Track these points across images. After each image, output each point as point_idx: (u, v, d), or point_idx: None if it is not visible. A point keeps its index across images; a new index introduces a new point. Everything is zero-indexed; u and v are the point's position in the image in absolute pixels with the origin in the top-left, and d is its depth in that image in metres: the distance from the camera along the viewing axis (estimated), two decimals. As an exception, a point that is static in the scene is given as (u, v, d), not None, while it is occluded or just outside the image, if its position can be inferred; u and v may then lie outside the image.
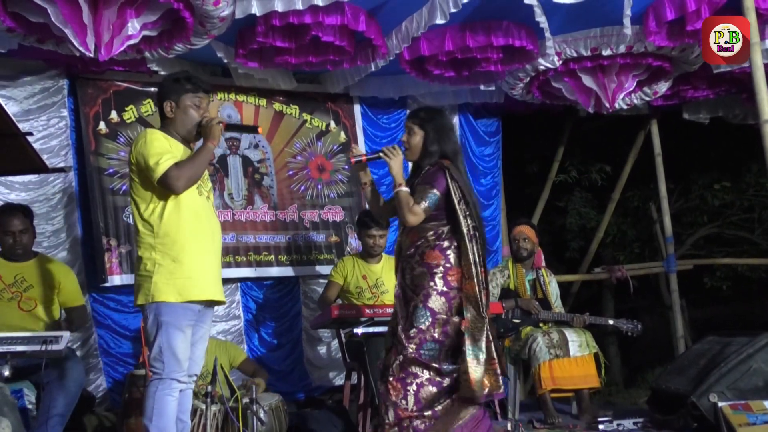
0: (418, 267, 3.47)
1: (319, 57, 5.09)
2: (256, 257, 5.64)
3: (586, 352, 5.06)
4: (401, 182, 3.51)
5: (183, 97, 3.29)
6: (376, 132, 6.38)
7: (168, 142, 3.23)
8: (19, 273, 4.20)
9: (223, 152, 5.73)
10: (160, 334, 3.12)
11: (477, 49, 5.08)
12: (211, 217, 3.35)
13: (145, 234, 3.19)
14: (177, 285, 3.13)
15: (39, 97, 5.13)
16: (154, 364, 3.12)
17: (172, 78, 3.37)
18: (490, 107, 6.74)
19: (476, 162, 6.76)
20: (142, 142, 3.19)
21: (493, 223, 6.79)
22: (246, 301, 5.73)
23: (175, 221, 3.18)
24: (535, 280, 5.48)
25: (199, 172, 3.23)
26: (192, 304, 3.17)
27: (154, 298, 3.11)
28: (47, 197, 5.08)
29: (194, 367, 3.29)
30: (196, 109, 3.31)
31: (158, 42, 4.64)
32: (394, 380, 3.37)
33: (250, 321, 5.71)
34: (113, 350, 5.15)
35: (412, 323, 3.39)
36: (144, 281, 3.16)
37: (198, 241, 3.21)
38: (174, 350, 3.11)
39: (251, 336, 5.71)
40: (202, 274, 3.20)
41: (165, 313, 3.12)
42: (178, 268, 3.14)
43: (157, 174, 3.12)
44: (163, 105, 3.31)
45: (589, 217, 8.31)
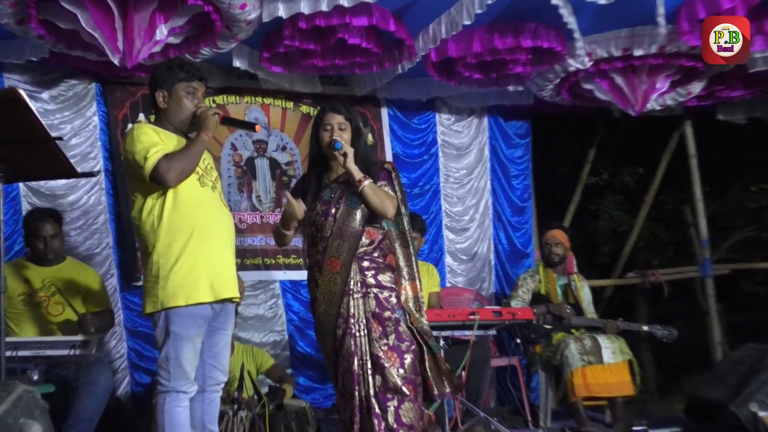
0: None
1: (346, 60, 5.11)
2: (285, 260, 5.69)
3: (619, 358, 5.02)
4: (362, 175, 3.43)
5: (176, 86, 3.13)
6: (407, 134, 6.40)
7: (158, 135, 3.06)
8: (47, 277, 4.25)
9: (251, 155, 5.78)
10: (167, 343, 3.00)
11: (505, 51, 5.08)
12: (219, 208, 3.17)
13: (147, 235, 3.04)
14: (185, 286, 2.99)
15: (69, 101, 5.22)
16: (160, 372, 3.02)
17: (165, 66, 3.20)
18: (520, 109, 6.72)
19: (507, 164, 6.74)
20: (130, 139, 3.04)
21: (526, 226, 6.77)
22: (288, 300, 5.76)
23: (176, 218, 3.02)
24: (566, 285, 5.46)
25: (193, 164, 3.05)
26: (203, 307, 3.03)
27: (164, 304, 2.98)
28: (77, 201, 5.16)
29: (220, 375, 3.20)
30: (190, 99, 3.14)
31: (185, 46, 4.69)
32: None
33: (293, 321, 5.74)
34: (144, 355, 5.20)
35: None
36: (152, 287, 3.02)
37: (203, 235, 3.05)
38: (180, 361, 2.99)
39: (295, 337, 5.73)
40: (210, 271, 3.05)
41: (174, 322, 2.99)
42: (184, 267, 3.00)
43: (146, 169, 2.96)
44: (155, 95, 3.15)
45: (621, 220, 8.24)
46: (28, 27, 4.23)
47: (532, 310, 5.00)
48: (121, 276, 5.23)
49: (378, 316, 3.40)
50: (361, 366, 3.35)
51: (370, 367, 3.36)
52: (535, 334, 5.24)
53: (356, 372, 3.35)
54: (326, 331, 3.46)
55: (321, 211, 3.49)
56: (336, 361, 3.44)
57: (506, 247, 6.70)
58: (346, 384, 3.39)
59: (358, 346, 3.37)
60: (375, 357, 3.36)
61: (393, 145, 6.30)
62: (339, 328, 3.42)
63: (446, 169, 6.53)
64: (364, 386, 3.34)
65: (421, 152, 6.44)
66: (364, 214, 3.46)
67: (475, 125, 6.67)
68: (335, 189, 3.52)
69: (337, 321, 3.42)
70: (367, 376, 3.34)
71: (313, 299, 3.53)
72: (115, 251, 5.24)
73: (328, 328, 3.44)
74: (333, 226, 3.44)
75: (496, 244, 6.68)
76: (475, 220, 6.60)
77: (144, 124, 3.11)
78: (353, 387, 3.35)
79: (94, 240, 5.18)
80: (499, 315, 4.49)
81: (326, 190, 3.54)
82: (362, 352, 3.36)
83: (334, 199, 3.49)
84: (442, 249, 6.44)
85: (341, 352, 3.40)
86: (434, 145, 6.50)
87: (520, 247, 6.72)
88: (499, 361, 5.63)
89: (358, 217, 3.46)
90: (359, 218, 3.46)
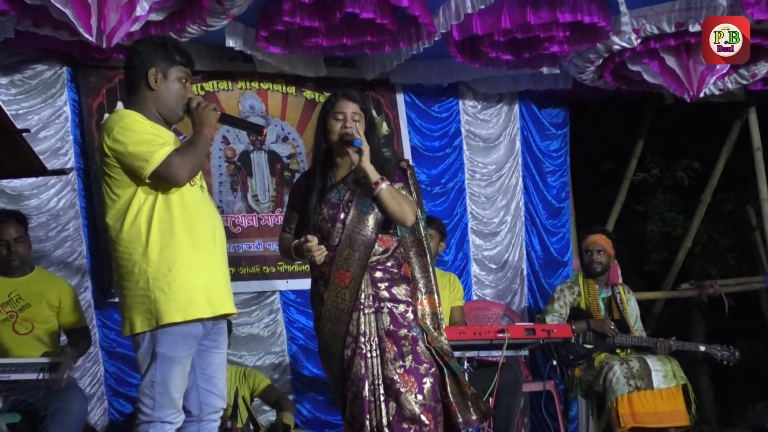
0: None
1: (355, 38, 5.10)
2: (288, 267, 5.68)
3: (672, 383, 5.01)
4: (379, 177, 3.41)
5: (172, 69, 3.13)
6: (426, 124, 6.40)
7: (150, 125, 3.06)
8: (14, 290, 4.28)
9: (246, 148, 5.78)
10: (153, 366, 2.97)
11: (539, 27, 5.06)
12: (210, 211, 3.18)
13: (131, 242, 2.99)
14: (180, 300, 2.97)
15: (37, 89, 5.21)
16: (143, 399, 2.98)
17: (158, 43, 3.18)
18: (556, 95, 6.70)
19: (541, 159, 6.73)
20: (119, 127, 3.00)
21: (563, 230, 6.75)
22: (290, 315, 5.76)
23: (167, 221, 3.00)
24: (610, 298, 5.44)
25: (202, 161, 3.10)
26: (196, 325, 3.03)
27: (158, 321, 2.95)
28: (46, 203, 5.16)
29: (218, 401, 3.19)
30: (182, 86, 3.16)
31: (170, 24, 4.69)
32: None
33: (296, 340, 5.75)
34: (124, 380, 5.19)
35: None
36: (140, 302, 2.98)
37: (197, 242, 3.05)
38: (168, 387, 2.97)
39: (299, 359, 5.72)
40: (209, 282, 3.06)
41: (162, 342, 2.97)
42: (179, 278, 2.98)
43: (152, 164, 2.95)
44: (146, 73, 3.10)
45: (674, 223, 8.19)
46: (-12, 2, 4.24)
47: (570, 327, 4.95)
48: (95, 289, 5.23)
49: (393, 335, 3.39)
50: (372, 391, 3.34)
51: (383, 392, 3.34)
52: (573, 355, 5.23)
53: (367, 398, 3.33)
54: (332, 354, 3.45)
55: (327, 216, 3.48)
56: (343, 387, 3.43)
57: (540, 255, 6.68)
58: (355, 413, 3.37)
59: (369, 368, 3.36)
60: (389, 381, 3.35)
61: (411, 136, 6.29)
62: (347, 348, 3.40)
63: (472, 164, 6.52)
64: (375, 414, 3.33)
65: (443, 144, 6.43)
66: (377, 220, 3.45)
67: (505, 113, 6.66)
68: (343, 190, 3.52)
69: (345, 341, 3.40)
70: (380, 402, 3.33)
71: (317, 317, 3.52)
72: (89, 261, 5.24)
73: (334, 350, 3.43)
74: (342, 234, 3.43)
75: (528, 251, 6.67)
76: (506, 224, 6.59)
77: (132, 111, 3.09)
78: (363, 416, 3.33)
79: (66, 248, 5.17)
80: (532, 333, 4.46)
81: (333, 191, 3.53)
82: (374, 375, 3.35)
83: (343, 202, 3.47)
84: (467, 256, 6.44)
85: (349, 375, 3.39)
86: (458, 136, 6.50)
87: (556, 255, 6.70)
88: (532, 386, 5.62)
89: (371, 223, 3.45)
90: (372, 224, 3.45)
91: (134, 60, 3.15)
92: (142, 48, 3.17)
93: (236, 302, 3.46)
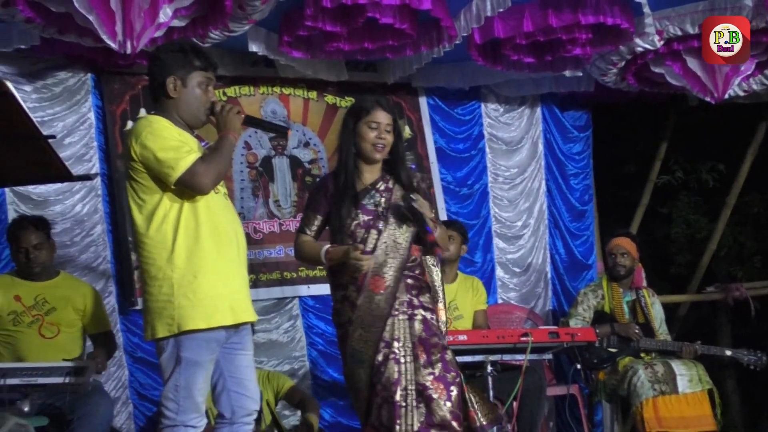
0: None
1: (377, 43, 5.13)
2: (309, 273, 5.72)
3: (698, 388, 5.00)
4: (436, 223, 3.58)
5: (192, 75, 3.14)
6: (451, 126, 6.43)
7: (177, 132, 3.09)
8: (39, 294, 4.32)
9: (267, 153, 5.82)
10: (177, 370, 3.00)
11: (562, 30, 5.06)
12: (233, 219, 3.21)
13: (157, 247, 3.03)
14: (205, 307, 3.00)
15: (60, 96, 5.28)
16: (166, 404, 3.01)
17: (176, 48, 3.20)
18: (579, 97, 6.71)
19: (564, 161, 6.73)
20: (147, 132, 3.03)
21: (586, 233, 6.75)
22: (309, 321, 5.78)
23: (193, 228, 3.03)
24: (634, 301, 5.43)
25: (227, 168, 3.13)
26: (219, 331, 3.05)
27: (180, 327, 2.98)
28: (71, 209, 5.22)
29: (250, 403, 3.20)
30: (204, 91, 3.17)
31: (192, 29, 4.73)
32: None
33: (316, 345, 5.77)
34: (149, 384, 5.24)
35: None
36: (163, 307, 3.01)
37: (221, 249, 3.08)
38: (192, 391, 3.00)
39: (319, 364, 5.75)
40: (232, 289, 3.10)
41: (187, 347, 3.00)
42: (204, 285, 3.01)
43: (177, 171, 2.98)
44: (165, 81, 3.12)
45: (698, 225, 8.15)
46: (14, 9, 4.29)
47: (594, 331, 4.97)
48: (119, 294, 5.28)
49: (424, 342, 3.46)
50: (404, 397, 3.38)
51: (415, 398, 3.38)
52: (597, 359, 5.23)
53: (398, 403, 3.37)
54: (361, 359, 3.47)
55: (363, 222, 3.53)
56: (369, 393, 3.45)
57: (564, 258, 6.68)
58: (383, 418, 3.40)
59: (402, 373, 3.41)
60: (421, 387, 3.39)
61: (435, 138, 6.31)
62: (379, 353, 3.43)
63: (494, 167, 6.54)
64: (405, 420, 3.36)
65: (467, 147, 6.46)
66: (413, 231, 3.54)
67: (527, 116, 6.67)
68: (376, 196, 3.58)
69: (377, 346, 3.44)
70: (411, 408, 3.37)
71: (344, 321, 3.53)
72: (113, 266, 5.29)
73: (364, 355, 3.46)
74: (377, 240, 3.50)
75: (552, 254, 6.67)
76: (529, 227, 6.60)
77: (160, 117, 3.12)
78: (393, 421, 3.36)
79: (90, 253, 5.23)
80: (556, 336, 4.47)
81: (366, 197, 3.58)
82: (407, 380, 3.40)
83: (379, 209, 3.54)
84: (493, 260, 6.45)
85: (380, 380, 3.42)
86: (481, 139, 6.52)
87: (580, 258, 6.70)
88: (555, 390, 5.61)
89: (408, 232, 3.54)
90: (408, 234, 3.54)
91: (154, 69, 3.19)
92: (161, 56, 3.19)
93: (256, 309, 3.49)
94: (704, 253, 7.42)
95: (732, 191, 7.30)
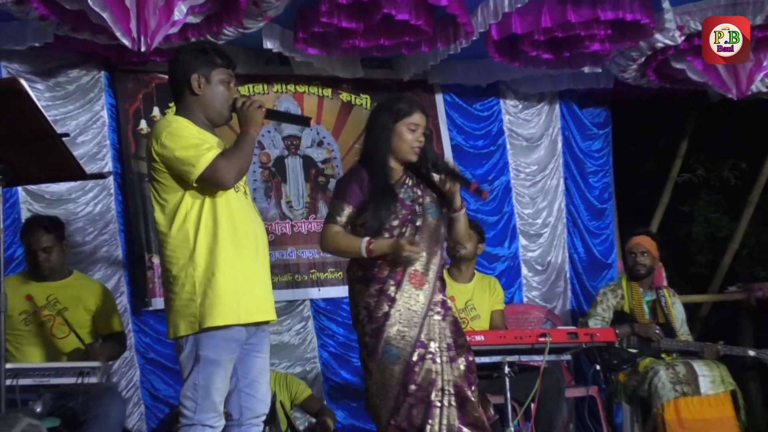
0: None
1: (393, 39, 5.12)
2: (321, 275, 5.70)
3: (720, 389, 4.97)
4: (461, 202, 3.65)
5: (214, 72, 3.20)
6: (469, 123, 6.42)
7: (197, 130, 3.13)
8: (51, 294, 4.33)
9: (280, 153, 5.82)
10: (196, 369, 3.03)
11: (580, 25, 5.05)
12: (254, 217, 3.25)
13: (179, 246, 3.07)
14: (225, 305, 3.03)
15: (74, 94, 5.30)
16: (184, 402, 3.03)
17: (197, 49, 3.26)
18: (597, 94, 6.68)
19: (583, 159, 6.70)
20: (167, 132, 3.07)
21: (606, 232, 6.72)
22: (321, 322, 5.77)
23: (212, 226, 3.07)
24: (654, 301, 5.41)
25: (248, 163, 3.15)
26: (238, 330, 3.07)
27: (201, 324, 3.01)
28: (83, 208, 5.24)
29: (260, 406, 3.22)
30: (226, 88, 3.24)
31: (206, 27, 4.75)
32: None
33: (328, 347, 5.77)
34: (161, 385, 5.26)
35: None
36: (185, 305, 3.05)
37: (241, 247, 3.11)
38: (210, 390, 3.02)
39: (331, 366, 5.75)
40: (251, 288, 3.13)
41: (205, 345, 3.03)
42: (224, 282, 3.04)
43: (198, 168, 3.01)
44: (189, 78, 3.18)
45: (720, 224, 8.10)
46: (28, 6, 4.32)
47: (613, 331, 4.92)
48: (131, 294, 5.29)
49: (455, 342, 3.52)
50: (440, 397, 3.41)
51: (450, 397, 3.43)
52: (617, 360, 5.21)
53: (433, 403, 3.39)
54: (396, 356, 3.45)
55: (402, 216, 3.55)
56: (398, 392, 3.43)
57: (583, 257, 6.66)
58: (414, 418, 3.40)
59: (439, 373, 3.44)
60: (458, 388, 3.45)
61: (452, 135, 6.31)
62: (415, 352, 3.44)
63: (516, 163, 6.53)
64: (440, 420, 3.39)
65: (487, 143, 6.46)
66: (444, 228, 3.63)
67: (546, 113, 6.66)
68: (409, 191, 3.61)
69: (415, 344, 3.45)
70: (445, 408, 3.40)
71: (379, 316, 3.49)
72: (125, 266, 5.31)
73: (401, 352, 3.45)
74: (415, 236, 3.52)
75: (571, 253, 6.64)
76: (549, 225, 6.58)
77: (179, 117, 3.17)
78: (426, 420, 3.38)
79: (102, 253, 5.25)
80: (575, 337, 4.44)
81: (401, 192, 3.60)
82: (443, 381, 3.43)
83: (415, 205, 3.58)
84: (518, 257, 6.46)
85: (413, 379, 3.42)
86: (501, 135, 6.51)
87: (599, 257, 6.67)
88: (574, 392, 5.58)
89: (442, 229, 3.63)
90: (442, 231, 3.63)
91: (176, 69, 3.23)
92: (183, 56, 3.24)
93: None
94: (726, 252, 7.38)
95: (754, 189, 7.26)
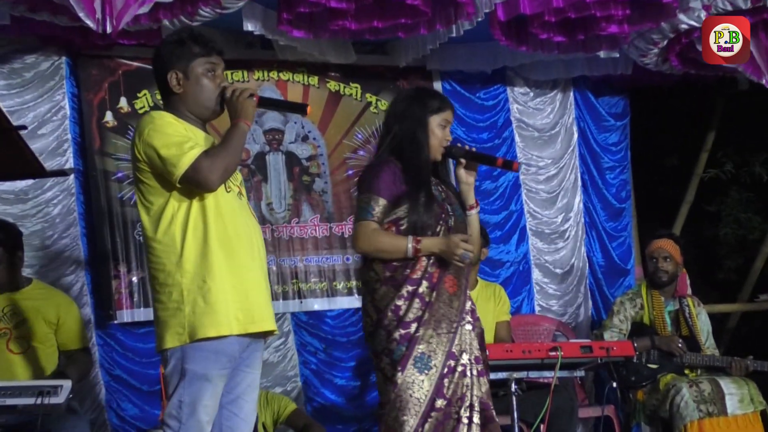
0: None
1: (387, 21, 5.11)
2: (303, 285, 5.71)
3: (749, 409, 5.00)
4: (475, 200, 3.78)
5: (193, 64, 3.18)
6: (471, 114, 6.44)
7: (183, 127, 3.14)
8: (7, 304, 4.32)
9: (261, 149, 5.81)
10: (182, 384, 3.02)
11: (596, 5, 5.05)
12: (248, 219, 3.24)
13: (165, 251, 3.07)
14: (214, 314, 3.02)
15: (32, 82, 5.27)
16: (168, 422, 3.02)
17: (174, 40, 3.25)
18: (615, 81, 6.70)
19: (599, 153, 6.72)
20: (150, 129, 3.08)
21: (624, 234, 6.75)
22: (302, 338, 5.78)
23: (202, 230, 3.07)
24: (677, 311, 5.43)
25: (236, 162, 3.14)
26: (230, 342, 3.07)
27: (191, 336, 3.00)
28: (42, 209, 5.22)
29: (242, 426, 3.21)
30: (211, 78, 3.21)
31: (180, 6, 4.73)
32: None
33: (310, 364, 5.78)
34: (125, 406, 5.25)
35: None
36: (172, 316, 3.04)
37: (233, 252, 3.10)
38: (196, 408, 3.01)
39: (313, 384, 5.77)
40: (246, 296, 3.11)
41: (192, 358, 3.01)
42: (215, 291, 3.03)
43: (180, 168, 3.01)
44: (167, 77, 3.19)
45: (751, 225, 8.12)
46: (-21, -17, 4.32)
47: (632, 345, 4.93)
48: (96, 305, 5.28)
49: (482, 355, 3.58)
50: (469, 414, 3.45)
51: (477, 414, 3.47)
52: (636, 376, 5.22)
53: (462, 419, 3.43)
54: (428, 366, 3.45)
55: (436, 215, 3.59)
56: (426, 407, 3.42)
57: (601, 261, 6.68)
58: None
59: (469, 387, 3.48)
60: (485, 405, 3.51)
61: (452, 127, 6.24)
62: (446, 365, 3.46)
63: (526, 157, 6.54)
64: None
65: (491, 136, 6.47)
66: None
67: (560, 101, 6.67)
68: (437, 189, 3.68)
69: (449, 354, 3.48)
70: (473, 424, 3.45)
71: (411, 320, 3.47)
72: (88, 274, 5.30)
73: (433, 361, 3.45)
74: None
75: (589, 257, 6.65)
76: (568, 225, 6.61)
77: (164, 113, 3.17)
78: None
79: (63, 259, 5.23)
80: (589, 351, 4.44)
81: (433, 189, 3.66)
82: (472, 396, 3.48)
83: (446, 204, 3.67)
84: (529, 260, 6.46)
85: (443, 394, 3.44)
86: (507, 126, 6.53)
87: (618, 262, 6.70)
88: (588, 411, 5.61)
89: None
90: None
91: (155, 66, 3.25)
92: (160, 50, 3.25)
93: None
94: (757, 256, 7.40)
95: (789, 186, 7.30)
